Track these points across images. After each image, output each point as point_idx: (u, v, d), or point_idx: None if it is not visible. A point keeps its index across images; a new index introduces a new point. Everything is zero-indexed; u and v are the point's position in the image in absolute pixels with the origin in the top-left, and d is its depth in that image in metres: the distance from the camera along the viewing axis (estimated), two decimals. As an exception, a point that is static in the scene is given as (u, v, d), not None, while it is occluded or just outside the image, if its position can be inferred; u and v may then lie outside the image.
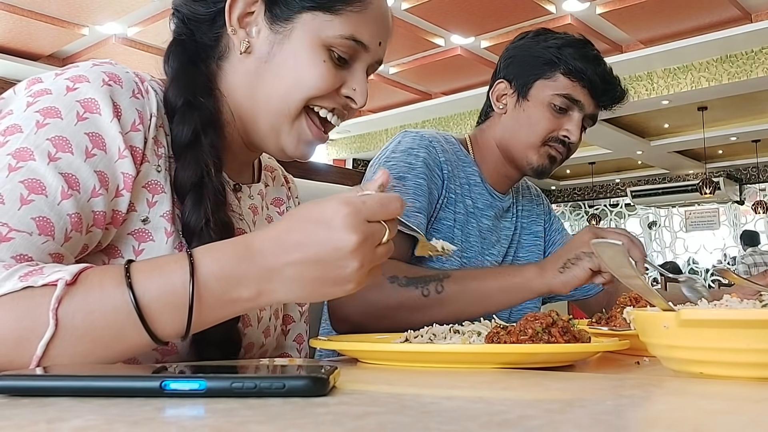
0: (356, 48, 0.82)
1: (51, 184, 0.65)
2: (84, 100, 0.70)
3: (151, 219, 0.75)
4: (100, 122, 0.70)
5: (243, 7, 0.81)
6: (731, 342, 0.54)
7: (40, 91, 0.70)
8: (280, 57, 0.81)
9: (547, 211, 1.60)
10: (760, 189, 10.24)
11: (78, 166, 0.67)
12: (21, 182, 0.64)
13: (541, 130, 1.34)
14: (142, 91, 0.75)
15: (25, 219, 0.63)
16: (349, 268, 0.60)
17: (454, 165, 1.36)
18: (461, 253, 1.33)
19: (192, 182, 0.76)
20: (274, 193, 1.02)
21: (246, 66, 0.82)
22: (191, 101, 0.79)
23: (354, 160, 9.92)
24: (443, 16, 6.00)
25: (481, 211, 1.40)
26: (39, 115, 0.68)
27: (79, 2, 5.64)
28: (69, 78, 0.72)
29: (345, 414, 0.41)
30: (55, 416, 0.39)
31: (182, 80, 0.80)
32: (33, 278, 0.56)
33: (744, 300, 0.65)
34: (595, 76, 1.33)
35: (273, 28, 0.81)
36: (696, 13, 5.90)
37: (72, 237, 0.66)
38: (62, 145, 0.67)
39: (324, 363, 0.66)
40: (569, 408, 0.45)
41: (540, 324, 0.72)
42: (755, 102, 7.41)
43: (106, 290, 0.57)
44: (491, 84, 1.45)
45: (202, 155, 0.77)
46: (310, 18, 0.80)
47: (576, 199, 12.02)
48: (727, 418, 0.42)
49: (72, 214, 0.66)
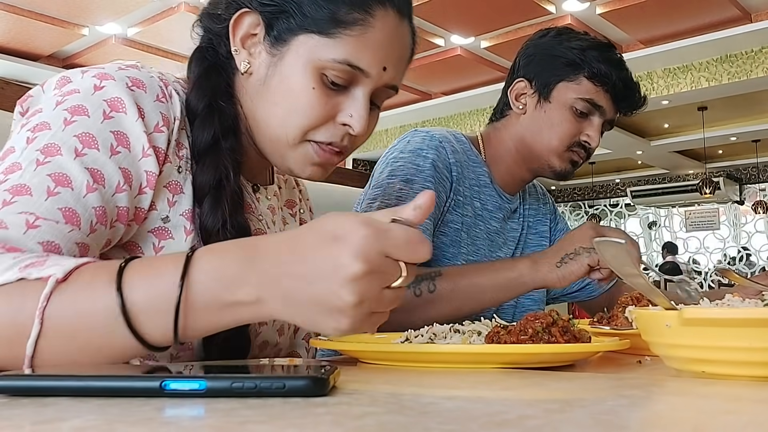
0: (353, 73, 0.78)
1: (77, 177, 0.66)
2: (110, 99, 0.72)
3: (171, 218, 0.76)
4: (125, 121, 0.72)
5: (246, 28, 0.81)
6: (733, 341, 0.54)
7: (69, 90, 0.72)
8: (274, 80, 0.80)
9: (552, 210, 1.58)
10: (760, 189, 10.24)
11: (103, 162, 0.69)
12: (48, 175, 0.65)
13: (564, 134, 1.31)
14: (166, 95, 0.77)
15: (52, 209, 0.63)
16: (345, 299, 0.51)
17: (464, 166, 1.33)
18: (467, 257, 1.31)
19: (210, 185, 0.77)
20: (286, 195, 1.03)
21: (248, 86, 0.83)
22: (212, 105, 0.80)
23: (354, 160, 9.91)
24: (443, 16, 6.01)
25: (490, 213, 1.38)
26: (67, 113, 0.70)
27: (79, 2, 5.65)
28: (96, 76, 0.73)
29: (345, 414, 0.41)
30: (55, 416, 0.39)
31: (204, 85, 0.81)
32: (29, 270, 0.55)
33: (746, 299, 0.65)
34: (619, 82, 1.30)
35: (271, 51, 0.80)
36: (696, 13, 5.90)
37: (97, 229, 0.67)
38: (88, 142, 0.69)
39: (324, 363, 0.66)
40: (569, 408, 0.45)
41: (540, 324, 0.72)
42: (755, 102, 7.41)
43: (95, 290, 0.54)
44: (509, 81, 1.40)
45: (222, 159, 0.79)
46: (304, 40, 0.78)
47: (576, 199, 12.02)
48: (727, 418, 0.41)
49: (97, 207, 0.67)
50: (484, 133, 1.45)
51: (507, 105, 1.40)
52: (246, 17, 0.80)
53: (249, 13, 0.80)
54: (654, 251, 11.08)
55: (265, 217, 0.91)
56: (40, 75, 6.63)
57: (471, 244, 1.33)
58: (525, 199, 1.50)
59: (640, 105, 1.37)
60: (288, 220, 1.00)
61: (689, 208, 10.62)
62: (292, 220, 1.02)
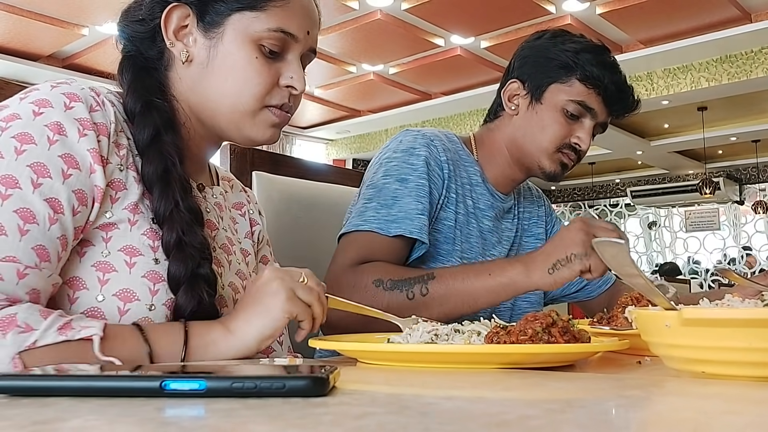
0: (285, 39, 0.89)
1: (40, 211, 0.72)
2: (51, 124, 0.76)
3: (114, 213, 0.81)
4: (69, 143, 0.77)
5: (177, 21, 0.88)
6: (733, 341, 0.54)
7: (9, 116, 0.76)
8: (217, 60, 0.88)
9: (548, 212, 1.58)
10: (760, 189, 10.24)
11: (58, 189, 0.74)
12: (15, 212, 0.71)
13: (554, 135, 1.32)
14: (99, 103, 0.81)
15: (27, 249, 0.70)
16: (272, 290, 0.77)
17: (456, 164, 1.34)
18: (461, 254, 1.32)
19: (158, 173, 0.82)
20: (234, 198, 1.08)
21: (190, 73, 0.90)
22: (149, 103, 0.86)
23: (354, 160, 9.92)
24: (443, 16, 6.00)
25: (482, 211, 1.38)
26: (15, 141, 0.74)
27: (79, 2, 5.64)
28: (33, 102, 0.78)
29: (345, 414, 0.41)
30: (55, 416, 0.39)
31: (138, 87, 0.87)
32: (68, 333, 0.67)
33: (745, 300, 0.65)
34: (612, 85, 1.30)
35: (207, 35, 0.88)
36: (696, 13, 5.90)
37: (62, 257, 0.75)
38: (41, 171, 0.74)
39: (324, 363, 0.66)
40: (569, 408, 0.45)
41: (540, 324, 0.72)
42: (755, 102, 7.41)
43: (128, 343, 0.72)
44: (503, 82, 1.41)
45: (165, 148, 0.84)
46: (238, 18, 0.87)
47: (576, 200, 12.02)
48: (727, 418, 0.41)
49: (60, 236, 0.74)
50: (477, 133, 1.46)
51: (500, 106, 1.41)
52: (174, 12, 0.88)
53: (177, 8, 0.88)
54: (654, 251, 11.08)
55: (213, 210, 0.98)
56: (40, 75, 6.63)
57: (465, 241, 1.33)
58: (520, 201, 1.50)
59: (633, 108, 1.36)
60: (237, 220, 1.06)
61: (689, 208, 10.60)
62: (241, 219, 1.07)
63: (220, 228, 0.98)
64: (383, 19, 5.98)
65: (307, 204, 1.52)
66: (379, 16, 5.95)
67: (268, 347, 1.01)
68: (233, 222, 1.04)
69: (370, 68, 7.33)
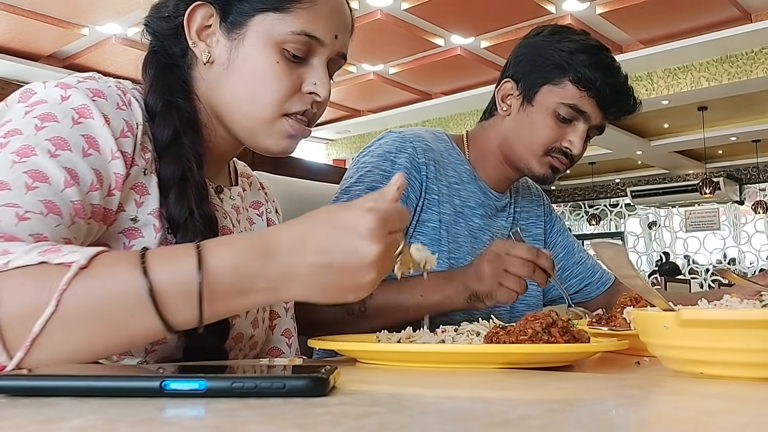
0: (310, 43, 0.85)
1: (54, 174, 0.68)
2: (77, 107, 0.75)
3: (139, 218, 0.79)
4: (93, 126, 0.75)
5: (200, 21, 0.86)
6: (731, 342, 0.54)
7: (36, 101, 0.75)
8: (237, 62, 0.84)
9: (548, 212, 1.56)
10: (760, 189, 10.23)
11: (76, 161, 0.71)
12: (24, 173, 0.67)
13: (543, 139, 1.29)
14: (125, 102, 0.80)
15: (34, 201, 0.65)
16: (368, 277, 0.61)
17: (441, 164, 1.33)
18: (449, 254, 1.31)
19: (175, 178, 0.80)
20: (252, 197, 1.06)
21: (211, 75, 0.87)
22: (170, 102, 0.83)
23: (354, 160, 9.91)
24: (443, 16, 6.00)
25: (471, 209, 1.37)
26: (37, 119, 0.72)
27: (79, 2, 5.64)
28: (59, 86, 0.76)
29: (345, 414, 0.41)
30: (55, 416, 0.39)
31: (160, 84, 0.85)
32: (49, 255, 0.57)
33: (744, 300, 0.65)
34: (605, 87, 1.26)
35: (229, 36, 0.85)
36: (696, 13, 5.89)
37: (76, 222, 0.69)
38: (61, 144, 0.71)
39: (324, 363, 0.66)
40: (569, 408, 0.45)
41: (540, 324, 0.72)
42: (755, 102, 7.41)
43: (119, 274, 0.57)
44: (499, 81, 1.39)
45: (184, 152, 0.82)
46: (260, 19, 0.84)
47: (576, 199, 12.01)
48: (727, 418, 0.42)
49: (75, 201, 0.69)
50: (471, 131, 1.45)
51: (494, 105, 1.39)
52: (198, 10, 0.85)
53: (201, 6, 0.85)
54: (654, 251, 11.07)
55: (230, 215, 0.94)
56: (40, 75, 6.63)
57: (452, 241, 1.32)
58: (517, 201, 1.49)
59: (631, 111, 1.33)
60: (255, 220, 1.04)
61: (689, 208, 10.61)
62: (258, 220, 1.05)
63: (236, 232, 0.95)
64: (383, 19, 5.98)
65: (308, 204, 1.52)
66: (379, 16, 5.94)
67: (275, 349, 1.01)
68: (250, 222, 1.01)
69: (370, 68, 7.33)
